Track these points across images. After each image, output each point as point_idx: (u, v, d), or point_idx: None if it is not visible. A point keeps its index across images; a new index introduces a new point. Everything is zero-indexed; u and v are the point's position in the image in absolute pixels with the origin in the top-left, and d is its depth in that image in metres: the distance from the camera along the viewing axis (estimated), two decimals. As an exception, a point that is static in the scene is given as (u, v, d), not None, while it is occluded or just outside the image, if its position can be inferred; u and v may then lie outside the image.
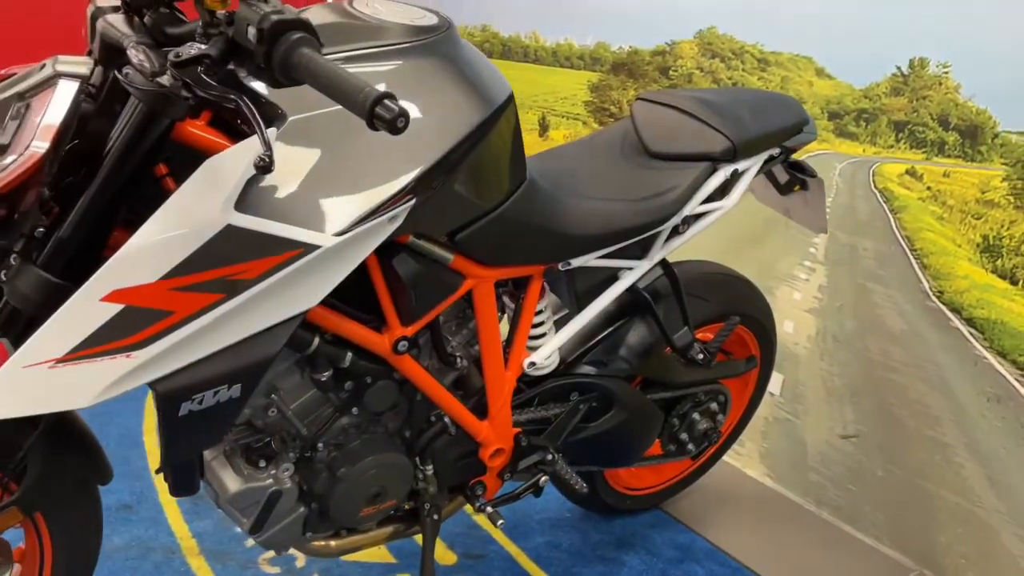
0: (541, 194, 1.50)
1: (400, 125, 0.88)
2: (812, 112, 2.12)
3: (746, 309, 2.01)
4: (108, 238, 1.13)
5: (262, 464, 1.43)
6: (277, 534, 1.49)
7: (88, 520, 1.42)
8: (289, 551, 1.58)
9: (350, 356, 1.39)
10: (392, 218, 1.21)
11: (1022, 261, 1.89)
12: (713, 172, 1.72)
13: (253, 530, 1.47)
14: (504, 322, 1.62)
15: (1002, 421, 1.94)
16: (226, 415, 1.18)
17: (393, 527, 1.67)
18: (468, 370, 1.61)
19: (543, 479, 1.78)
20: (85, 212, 1.10)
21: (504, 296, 1.65)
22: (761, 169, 1.83)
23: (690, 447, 2.04)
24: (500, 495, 1.78)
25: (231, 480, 1.43)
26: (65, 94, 1.07)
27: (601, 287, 1.72)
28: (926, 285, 2.07)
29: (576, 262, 1.61)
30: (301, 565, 1.94)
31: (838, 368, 2.26)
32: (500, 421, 1.64)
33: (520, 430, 1.69)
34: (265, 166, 0.96)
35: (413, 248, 1.36)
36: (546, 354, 1.66)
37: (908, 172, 2.12)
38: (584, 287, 1.71)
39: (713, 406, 2.04)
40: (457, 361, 1.57)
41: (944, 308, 2.04)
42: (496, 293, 1.54)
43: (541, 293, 1.63)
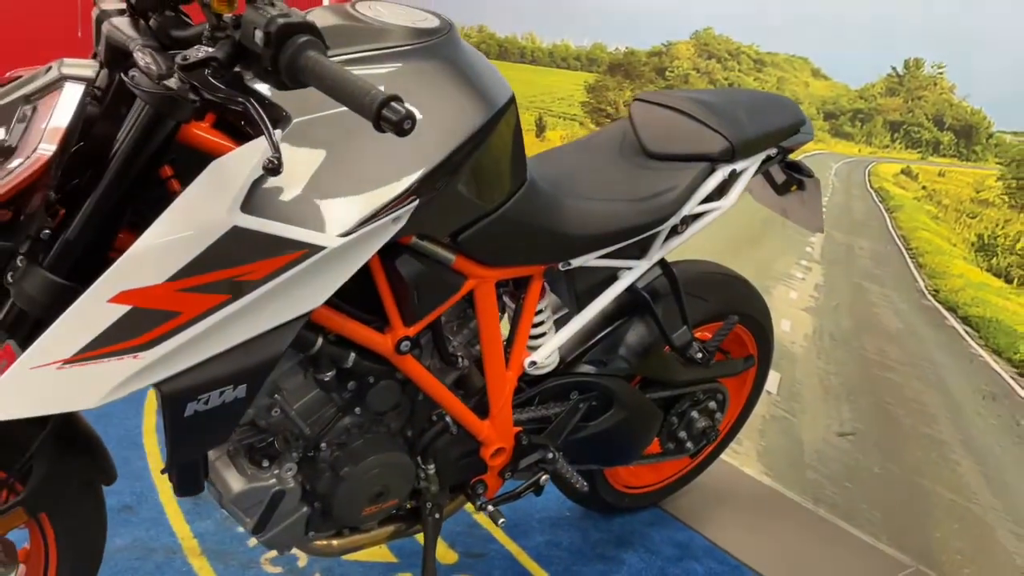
0: (541, 195, 1.51)
1: (407, 127, 0.89)
2: (808, 112, 2.13)
3: (744, 308, 2.02)
4: (114, 240, 1.13)
5: (265, 464, 1.44)
6: (280, 534, 1.50)
7: (92, 521, 1.43)
8: (291, 551, 1.59)
9: (353, 356, 1.40)
10: (396, 219, 1.22)
11: (1017, 260, 1.91)
12: (711, 172, 1.74)
13: (256, 530, 1.48)
14: (504, 322, 1.63)
15: (997, 419, 1.95)
16: (231, 415, 1.19)
17: (395, 526, 1.68)
18: (469, 370, 1.61)
19: (544, 478, 1.78)
20: (91, 214, 1.10)
21: (504, 296, 1.66)
22: (759, 169, 1.84)
23: (689, 445, 2.06)
24: (501, 494, 1.79)
25: (234, 480, 1.43)
26: (71, 97, 1.07)
27: (601, 287, 1.73)
28: (922, 284, 2.09)
29: (576, 262, 1.62)
30: (303, 565, 1.94)
31: (835, 366, 2.27)
32: (501, 420, 1.65)
33: (521, 429, 1.70)
34: (274, 168, 0.97)
35: (416, 249, 1.37)
36: (546, 353, 1.67)
37: (903, 172, 2.14)
38: (584, 287, 1.72)
39: (711, 405, 2.06)
40: (458, 361, 1.57)
41: (940, 307, 2.05)
42: (496, 293, 1.55)
43: (541, 293, 1.64)
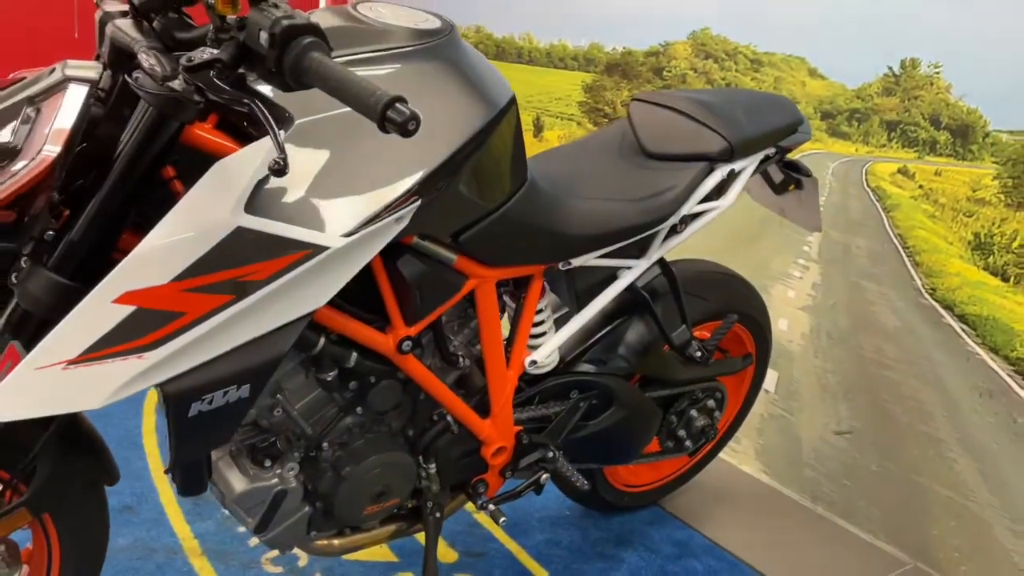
0: (541, 195, 1.52)
1: (411, 128, 0.89)
2: (805, 112, 2.14)
3: (743, 307, 2.03)
4: (117, 240, 1.14)
5: (267, 464, 1.44)
6: (282, 533, 1.50)
7: (95, 521, 1.43)
8: (292, 550, 1.59)
9: (355, 356, 1.41)
10: (398, 219, 1.23)
11: (1013, 258, 1.92)
12: (710, 172, 1.74)
13: (258, 529, 1.48)
14: (504, 321, 1.63)
15: (994, 416, 1.96)
16: (235, 415, 1.20)
17: (395, 525, 1.69)
18: (470, 369, 1.62)
19: (544, 477, 1.79)
20: (95, 215, 1.11)
21: (505, 296, 1.66)
22: (757, 169, 1.85)
23: (688, 444, 2.06)
24: (502, 493, 1.79)
25: (237, 480, 1.44)
26: (75, 98, 1.08)
27: (600, 286, 1.73)
28: (918, 282, 2.10)
29: (576, 261, 1.62)
30: (303, 564, 1.95)
31: (832, 365, 2.28)
32: (502, 419, 1.65)
33: (521, 428, 1.70)
34: (280, 169, 0.97)
35: (417, 249, 1.37)
36: (547, 353, 1.68)
37: (900, 171, 2.15)
38: (584, 286, 1.73)
39: (710, 403, 2.07)
40: (459, 360, 1.58)
41: (936, 305, 2.07)
42: (497, 293, 1.56)
43: (541, 292, 1.65)
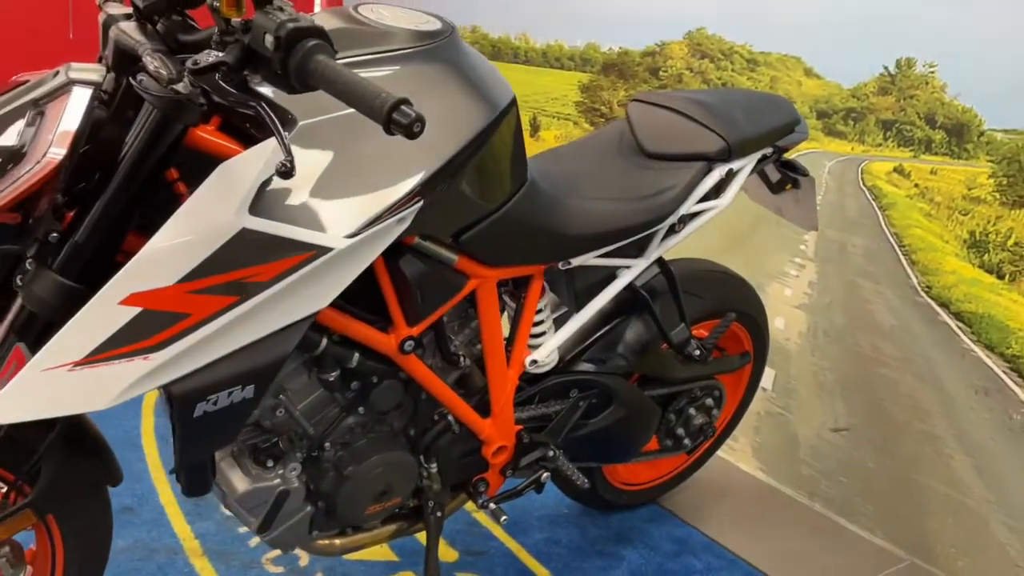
0: (542, 195, 1.53)
1: (416, 130, 0.90)
2: (801, 111, 2.15)
3: (740, 306, 2.04)
4: (122, 242, 1.14)
5: (270, 464, 1.45)
6: (284, 533, 1.51)
7: (98, 522, 1.43)
8: (294, 550, 1.60)
9: (357, 356, 1.41)
10: (400, 220, 1.24)
11: (1008, 256, 1.94)
12: (708, 172, 1.75)
13: (261, 529, 1.49)
14: (504, 321, 1.64)
15: (990, 413, 1.98)
16: (240, 415, 1.20)
17: (396, 525, 1.69)
18: (471, 369, 1.63)
19: (544, 475, 1.80)
20: (100, 217, 1.11)
21: (505, 295, 1.67)
22: (755, 168, 1.86)
23: (686, 442, 2.08)
24: (502, 492, 1.80)
25: (239, 480, 1.44)
26: (80, 101, 1.09)
27: (600, 285, 1.74)
28: (915, 280, 2.11)
29: (575, 261, 1.63)
30: (304, 564, 1.95)
31: (829, 363, 2.29)
32: (503, 419, 1.66)
33: (521, 427, 1.71)
34: (287, 171, 0.97)
35: (419, 249, 1.38)
36: (547, 352, 1.69)
37: (896, 170, 2.16)
38: (583, 286, 1.74)
39: (708, 401, 2.08)
40: (460, 360, 1.59)
41: (932, 303, 2.08)
42: (497, 292, 1.57)
43: (541, 292, 1.66)
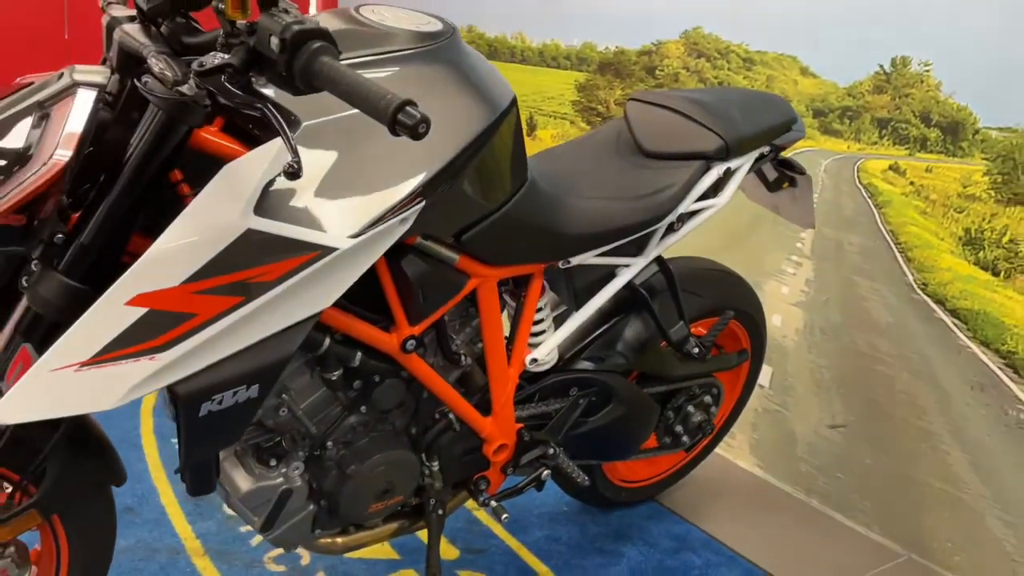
0: (542, 194, 1.54)
1: (422, 131, 0.90)
2: (797, 110, 2.17)
3: (738, 304, 2.05)
4: (127, 243, 1.15)
5: (273, 463, 1.46)
6: (287, 532, 1.52)
7: (103, 522, 1.44)
8: (296, 549, 1.60)
9: (359, 355, 1.42)
10: (403, 220, 1.25)
11: (1003, 253, 1.95)
12: (707, 170, 1.77)
13: (264, 528, 1.49)
14: (504, 320, 1.65)
15: (986, 408, 1.99)
16: (244, 414, 1.21)
17: (398, 523, 1.70)
18: (472, 368, 1.64)
19: (545, 473, 1.81)
20: (105, 218, 1.12)
21: (505, 294, 1.68)
22: (752, 167, 1.88)
23: (685, 439, 2.09)
24: (503, 490, 1.81)
25: (242, 479, 1.45)
26: (84, 103, 1.09)
27: (599, 284, 1.75)
28: (910, 278, 2.13)
29: (575, 260, 1.64)
30: (306, 563, 1.96)
31: (826, 360, 2.31)
32: (503, 417, 1.67)
33: (522, 425, 1.72)
34: (294, 172, 0.98)
35: (420, 249, 1.39)
36: (547, 351, 1.70)
37: (892, 168, 2.18)
38: (583, 284, 1.75)
39: (707, 399, 2.09)
40: (461, 359, 1.60)
41: (928, 300, 2.09)
42: (497, 291, 1.58)
43: (541, 291, 1.67)
